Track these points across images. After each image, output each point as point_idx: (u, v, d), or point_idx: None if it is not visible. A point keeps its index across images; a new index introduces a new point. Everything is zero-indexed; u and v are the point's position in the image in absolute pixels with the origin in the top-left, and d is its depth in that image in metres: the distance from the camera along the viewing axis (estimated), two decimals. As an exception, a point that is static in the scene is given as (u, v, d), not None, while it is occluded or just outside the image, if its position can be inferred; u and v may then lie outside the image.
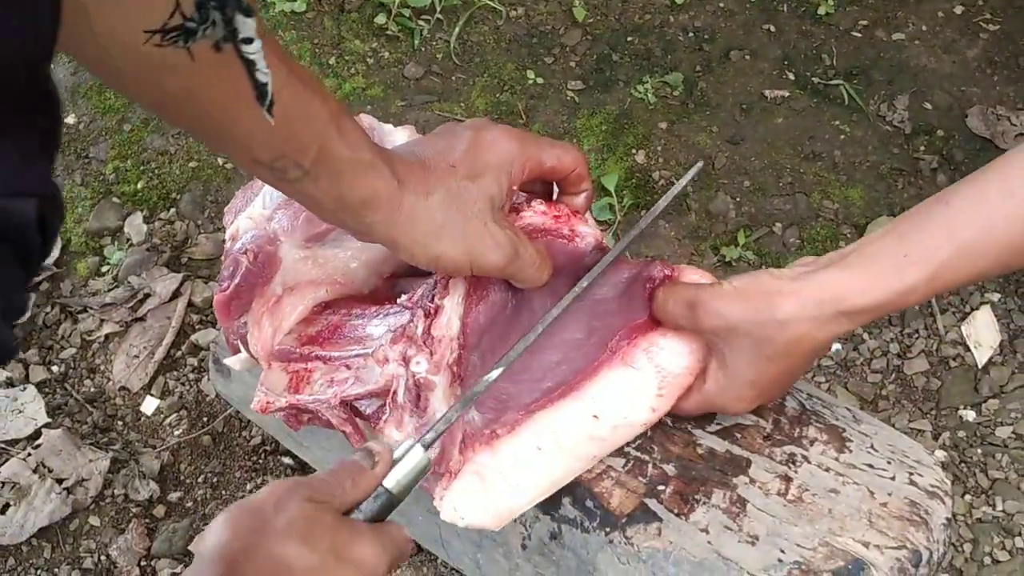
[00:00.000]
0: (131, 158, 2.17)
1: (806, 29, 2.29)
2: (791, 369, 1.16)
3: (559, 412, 1.18)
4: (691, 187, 2.07)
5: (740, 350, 1.15)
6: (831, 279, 1.11)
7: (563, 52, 2.29)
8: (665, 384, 1.19)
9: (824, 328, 1.11)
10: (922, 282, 1.07)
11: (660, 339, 1.20)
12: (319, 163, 1.03)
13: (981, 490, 1.72)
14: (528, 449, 1.17)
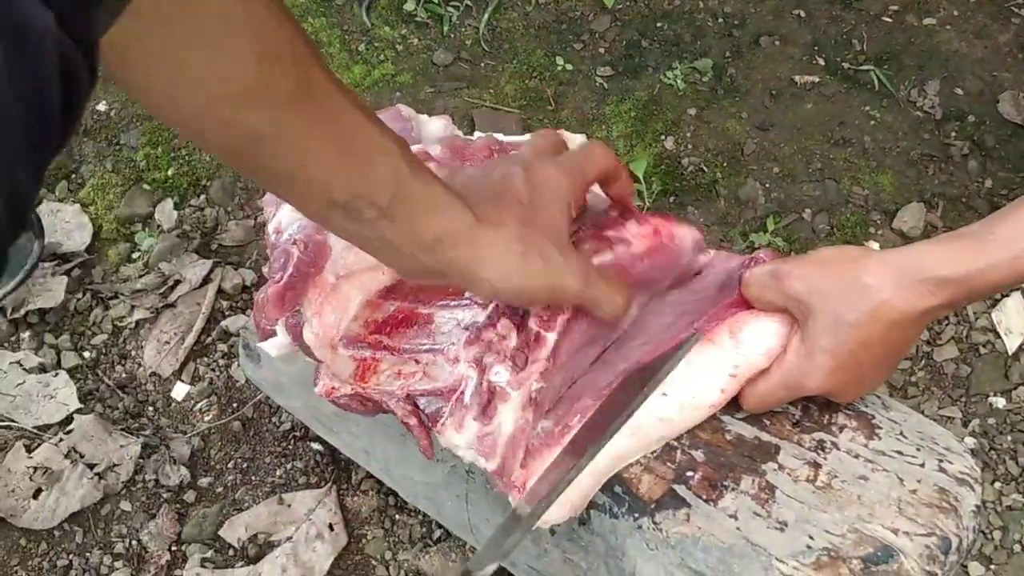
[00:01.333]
0: (162, 145, 2.18)
1: (836, 14, 2.28)
2: (872, 341, 1.13)
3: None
4: (720, 173, 2.06)
5: (822, 316, 1.14)
6: (917, 249, 1.13)
7: (592, 38, 2.29)
8: (741, 364, 1.19)
9: (904, 296, 1.10)
10: (1004, 262, 1.07)
11: (747, 316, 1.20)
12: (395, 202, 1.01)
13: (1011, 477, 1.72)
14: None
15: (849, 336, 1.13)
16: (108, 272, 2.05)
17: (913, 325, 1.13)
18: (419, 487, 1.44)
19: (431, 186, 1.04)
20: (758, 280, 1.19)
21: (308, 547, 1.69)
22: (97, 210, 2.12)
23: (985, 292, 1.11)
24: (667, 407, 1.18)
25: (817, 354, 1.15)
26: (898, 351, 1.18)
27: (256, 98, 0.90)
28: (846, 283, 1.13)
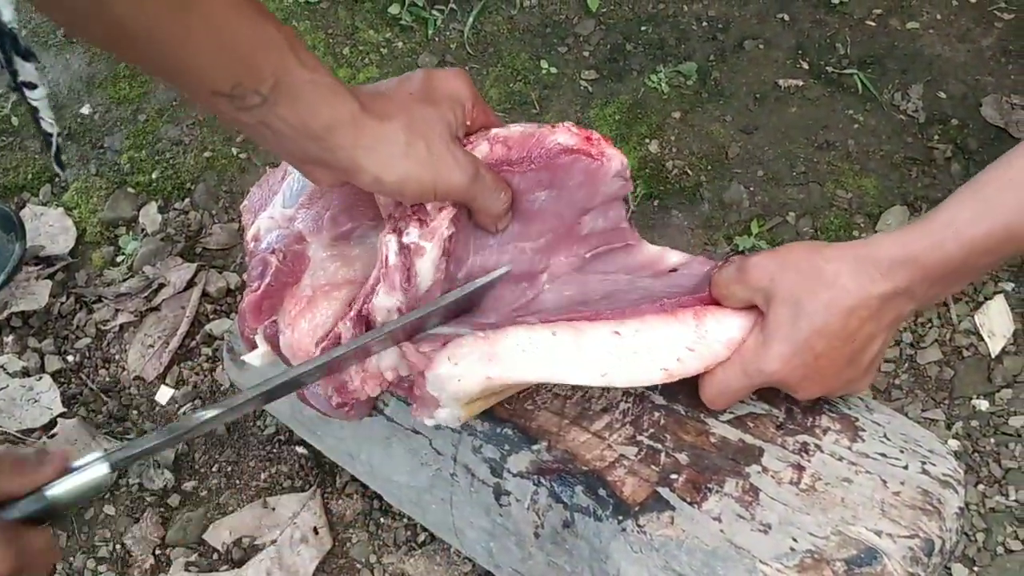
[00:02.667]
0: (146, 148, 2.18)
1: (820, 18, 2.28)
2: (828, 329, 1.13)
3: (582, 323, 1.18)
4: (704, 176, 2.06)
5: (780, 304, 1.15)
6: (873, 237, 1.15)
7: (577, 42, 2.29)
8: (700, 343, 1.18)
9: (857, 281, 1.11)
10: (948, 238, 1.09)
11: (714, 308, 1.21)
12: (278, 88, 1.04)
13: (994, 479, 1.72)
14: (543, 334, 1.17)
15: (806, 323, 1.13)
16: (92, 276, 2.05)
17: (872, 315, 1.13)
18: (404, 491, 1.44)
19: (316, 74, 1.06)
20: (725, 275, 1.20)
21: (293, 551, 1.69)
22: (81, 214, 2.11)
23: (940, 275, 1.11)
24: (618, 344, 1.17)
25: (774, 340, 1.16)
26: (858, 347, 1.16)
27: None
28: (806, 271, 1.14)
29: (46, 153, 0.90)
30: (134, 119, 2.23)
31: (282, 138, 1.08)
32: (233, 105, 1.04)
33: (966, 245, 1.09)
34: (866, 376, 1.21)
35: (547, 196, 1.29)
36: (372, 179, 1.12)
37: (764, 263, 1.17)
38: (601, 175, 1.29)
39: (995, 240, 1.09)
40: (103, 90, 2.27)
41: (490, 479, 1.30)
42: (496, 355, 1.16)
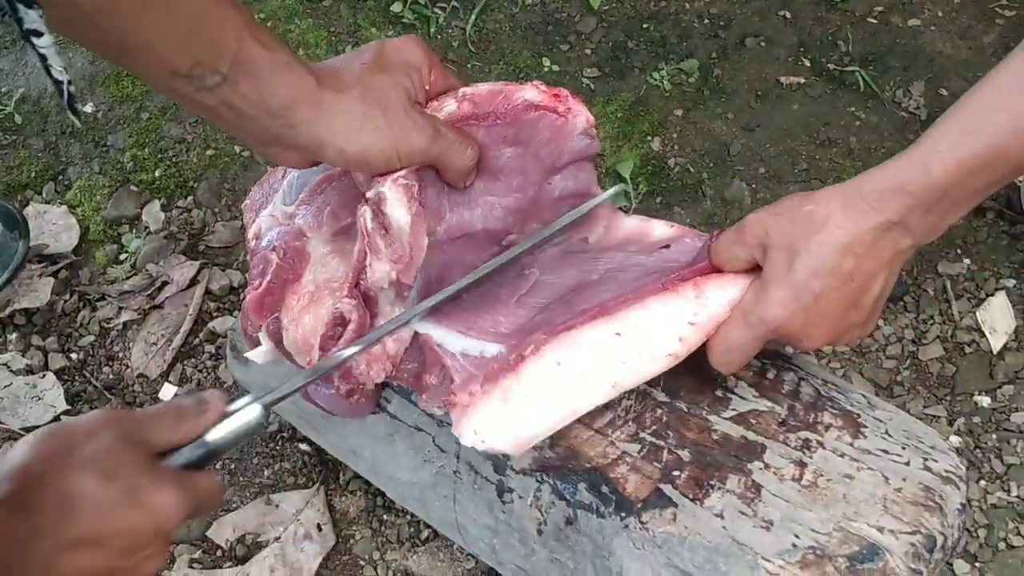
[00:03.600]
0: (149, 146, 2.18)
1: (822, 15, 2.29)
2: (824, 268, 1.11)
3: (583, 330, 1.18)
4: (707, 174, 2.07)
5: (776, 251, 1.14)
6: (860, 176, 1.13)
7: (579, 39, 2.29)
8: (701, 314, 1.17)
9: (848, 216, 1.10)
10: (936, 161, 1.07)
11: (713, 275, 1.21)
12: (237, 66, 1.05)
13: (996, 476, 1.72)
14: (549, 367, 1.17)
15: (801, 265, 1.12)
16: (95, 274, 2.05)
17: (868, 251, 1.11)
18: (407, 487, 1.44)
19: (273, 51, 1.08)
20: (724, 239, 1.20)
21: (296, 547, 1.69)
22: (84, 212, 2.12)
23: (932, 201, 1.09)
24: (621, 348, 1.17)
25: (772, 286, 1.14)
26: (859, 287, 1.14)
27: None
28: (797, 217, 1.13)
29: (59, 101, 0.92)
30: (137, 117, 2.23)
31: (244, 118, 1.10)
32: (193, 85, 1.05)
33: (953, 167, 1.07)
34: (870, 319, 1.19)
35: (513, 152, 1.30)
36: (336, 153, 1.14)
37: (759, 217, 1.16)
38: (567, 132, 1.30)
39: (981, 160, 1.07)
40: (106, 88, 2.27)
41: (493, 476, 1.31)
42: (517, 419, 1.17)
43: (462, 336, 1.22)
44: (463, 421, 1.17)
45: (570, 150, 1.31)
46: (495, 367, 1.18)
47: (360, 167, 1.19)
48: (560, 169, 1.33)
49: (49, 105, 2.27)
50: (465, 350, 1.20)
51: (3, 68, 2.34)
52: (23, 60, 2.35)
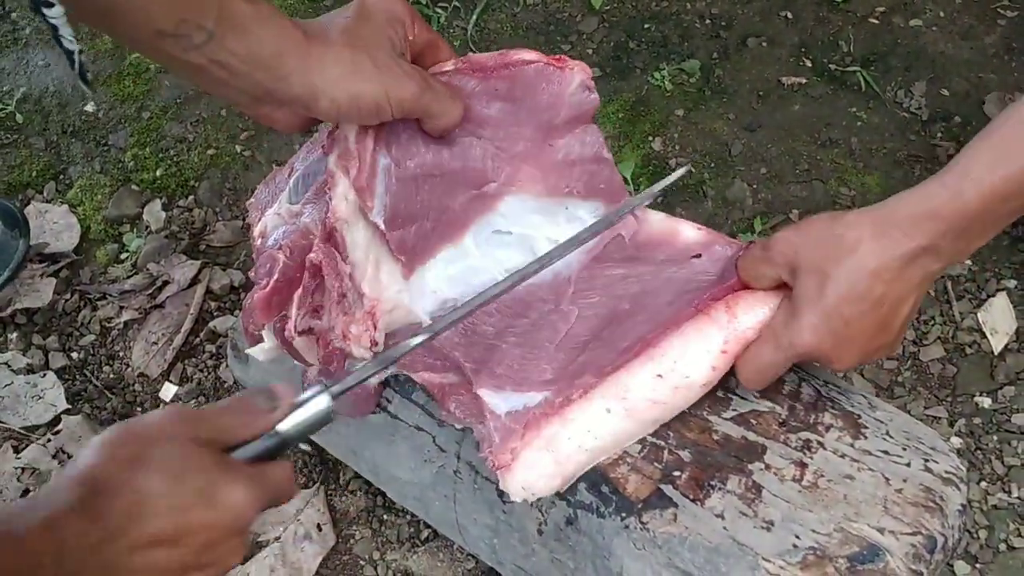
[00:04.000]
0: (150, 146, 2.19)
1: (823, 16, 2.28)
2: (855, 294, 1.12)
3: (629, 372, 1.19)
4: (708, 174, 2.07)
5: (806, 274, 1.14)
6: (890, 199, 1.14)
7: (580, 39, 2.29)
8: (731, 339, 1.19)
9: (880, 243, 1.10)
10: (967, 188, 1.08)
11: (743, 294, 1.22)
12: (222, 21, 1.05)
13: (997, 477, 1.72)
14: (598, 413, 1.19)
15: (832, 290, 1.12)
16: (96, 273, 2.05)
17: (898, 277, 1.12)
18: (407, 487, 1.44)
19: (256, 4, 1.08)
20: (750, 257, 1.20)
21: (296, 547, 1.69)
22: (85, 211, 2.12)
23: (962, 227, 1.09)
24: (661, 388, 1.19)
25: (803, 311, 1.15)
26: (889, 310, 1.15)
27: None
28: (827, 240, 1.13)
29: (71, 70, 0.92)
30: (138, 116, 2.23)
31: (235, 75, 1.09)
32: (180, 45, 1.05)
33: (985, 193, 1.07)
34: (898, 339, 1.20)
35: (504, 106, 1.30)
36: (329, 102, 1.13)
37: (787, 237, 1.17)
38: (563, 85, 1.29)
39: (1013, 185, 1.07)
40: (107, 88, 2.27)
41: (493, 476, 1.31)
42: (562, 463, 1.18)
43: (511, 395, 1.22)
44: (508, 479, 1.18)
45: (568, 104, 1.30)
46: (536, 414, 1.18)
47: (352, 116, 1.18)
48: (561, 129, 1.32)
49: (50, 104, 2.27)
50: (511, 408, 1.21)
51: (4, 67, 2.35)
52: (24, 59, 2.35)
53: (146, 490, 0.91)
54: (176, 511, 0.91)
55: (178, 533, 0.92)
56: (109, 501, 0.89)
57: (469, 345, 1.25)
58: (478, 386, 1.21)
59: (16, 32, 2.40)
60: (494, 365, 1.23)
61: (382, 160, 1.24)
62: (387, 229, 1.24)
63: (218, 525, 0.94)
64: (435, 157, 1.27)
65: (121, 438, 0.94)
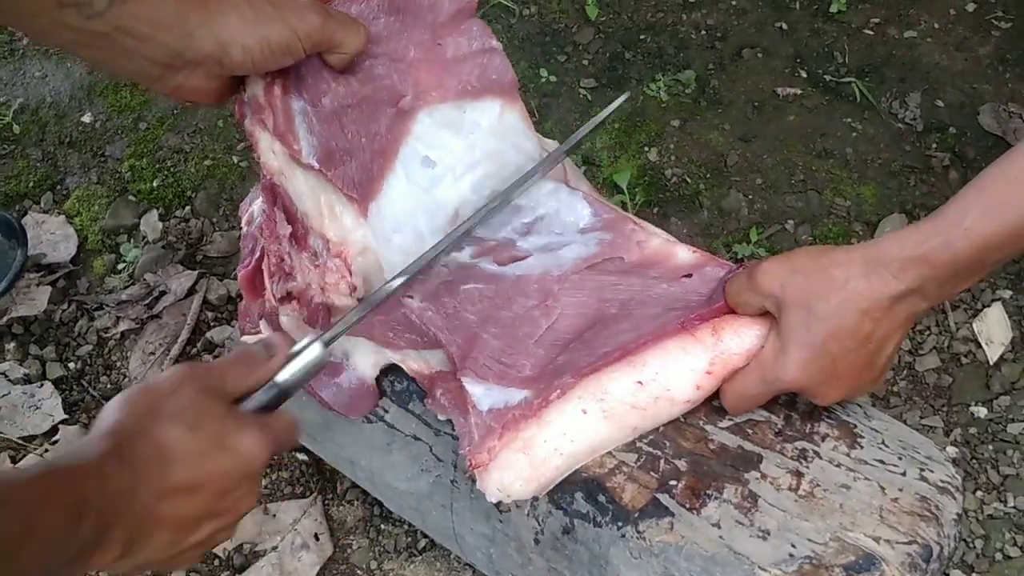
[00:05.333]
0: (147, 156, 2.19)
1: (818, 27, 2.29)
2: (842, 332, 1.13)
3: (608, 375, 1.19)
4: (703, 184, 2.07)
5: (793, 309, 1.15)
6: (880, 239, 1.14)
7: (576, 50, 2.30)
8: (717, 362, 1.20)
9: (868, 283, 1.11)
10: (957, 236, 1.08)
11: (730, 318, 1.22)
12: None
13: (992, 486, 1.73)
14: (574, 413, 1.19)
15: (819, 327, 1.13)
16: (93, 283, 2.05)
17: (885, 316, 1.13)
18: (404, 497, 1.44)
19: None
20: (736, 284, 1.21)
21: (293, 557, 1.69)
22: (82, 221, 2.12)
23: (951, 273, 1.10)
24: (641, 396, 1.19)
25: (790, 346, 1.15)
26: (875, 348, 1.16)
27: None
28: (815, 275, 1.14)
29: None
30: (135, 127, 2.24)
31: (142, 41, 1.11)
32: (82, 14, 1.06)
33: (976, 243, 1.08)
34: (883, 375, 1.21)
35: (388, 20, 1.32)
36: (240, 52, 1.15)
37: (773, 269, 1.17)
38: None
39: (1003, 238, 1.08)
40: (104, 98, 2.28)
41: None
42: (538, 466, 1.19)
43: (493, 388, 1.23)
44: (485, 478, 1.18)
45: (447, 1, 1.34)
46: (515, 415, 1.19)
47: (264, 61, 1.19)
48: (448, 26, 1.34)
49: (47, 115, 2.27)
50: (493, 405, 1.21)
51: (1, 78, 2.35)
52: (21, 70, 2.36)
53: (165, 439, 0.95)
54: (192, 459, 0.96)
55: (195, 480, 0.96)
56: (135, 449, 0.93)
57: (452, 330, 1.25)
58: (462, 373, 1.22)
59: (13, 43, 2.40)
60: (478, 354, 1.23)
61: (296, 104, 1.27)
62: (325, 168, 1.26)
63: (232, 471, 0.99)
64: (346, 88, 1.29)
65: (138, 395, 0.99)
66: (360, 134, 1.28)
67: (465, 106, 1.34)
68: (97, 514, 0.88)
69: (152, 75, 1.17)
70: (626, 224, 1.34)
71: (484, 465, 1.18)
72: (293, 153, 1.25)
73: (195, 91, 1.20)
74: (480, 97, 1.35)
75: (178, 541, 0.98)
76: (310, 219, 1.27)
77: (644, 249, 1.33)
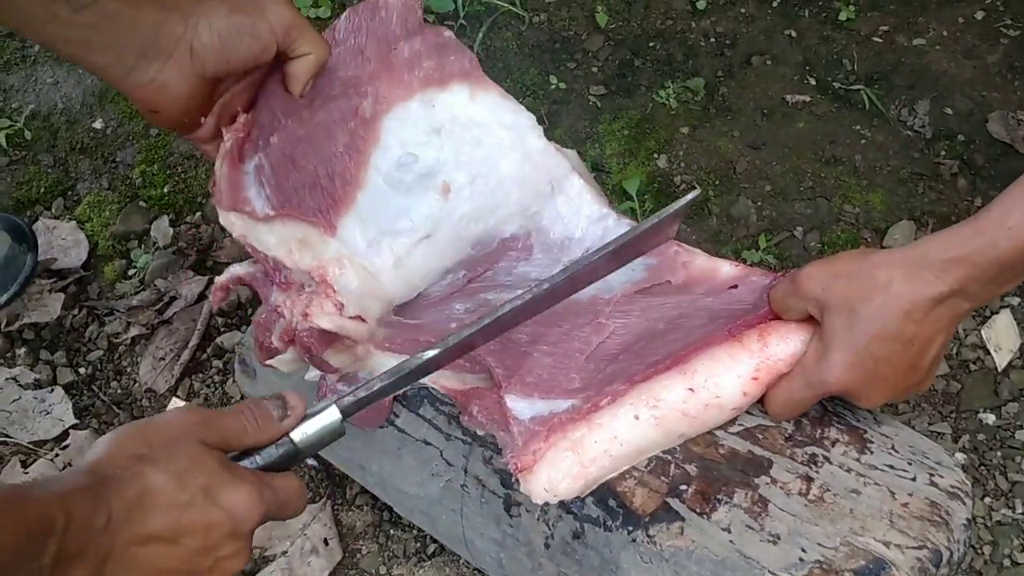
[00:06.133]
0: (157, 162, 2.19)
1: (827, 34, 2.29)
2: (886, 333, 1.13)
3: (660, 383, 1.20)
4: (712, 191, 2.08)
5: (836, 312, 1.15)
6: (922, 240, 1.15)
7: (585, 57, 2.30)
8: (763, 368, 1.21)
9: (911, 285, 1.11)
10: (1001, 236, 1.08)
11: (776, 324, 1.23)
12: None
13: (1001, 493, 1.73)
14: (626, 418, 1.20)
15: (863, 330, 1.13)
16: (104, 289, 2.06)
17: (927, 317, 1.13)
18: (414, 502, 1.45)
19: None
20: (780, 290, 1.21)
21: (303, 562, 1.70)
22: (93, 227, 2.13)
23: (994, 273, 1.10)
24: (692, 403, 1.20)
25: (834, 349, 1.16)
26: (919, 350, 1.16)
27: None
28: (858, 278, 1.14)
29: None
30: (146, 133, 2.24)
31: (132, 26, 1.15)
32: (71, 6, 1.10)
33: (1020, 242, 1.08)
34: (928, 378, 1.21)
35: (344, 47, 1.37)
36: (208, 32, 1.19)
37: (816, 273, 1.18)
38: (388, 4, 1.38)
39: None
40: (115, 104, 2.28)
41: (500, 490, 1.31)
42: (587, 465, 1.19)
43: (537, 401, 1.23)
44: (530, 480, 1.19)
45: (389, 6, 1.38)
46: (562, 419, 1.19)
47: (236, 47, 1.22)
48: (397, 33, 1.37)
49: (59, 121, 2.28)
50: (536, 414, 1.21)
51: (13, 84, 2.36)
52: (33, 76, 2.37)
53: (149, 485, 0.93)
54: (175, 508, 0.93)
55: (176, 531, 0.94)
56: (115, 491, 0.91)
57: (503, 352, 1.26)
58: (506, 391, 1.22)
59: (25, 50, 2.41)
60: (525, 373, 1.24)
61: (247, 165, 1.31)
62: (282, 209, 1.29)
63: (217, 527, 0.96)
64: (296, 121, 1.32)
65: (131, 434, 0.97)
66: (314, 161, 1.31)
67: (433, 99, 1.37)
68: (59, 545, 0.86)
69: (127, 65, 1.19)
70: (670, 247, 1.36)
71: (529, 467, 1.18)
72: (250, 215, 1.30)
73: (165, 90, 1.22)
74: (446, 86, 1.38)
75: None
76: (283, 262, 1.30)
77: (689, 269, 1.34)
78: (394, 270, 1.31)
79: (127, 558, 0.92)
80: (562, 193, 1.40)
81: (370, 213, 1.32)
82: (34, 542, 0.85)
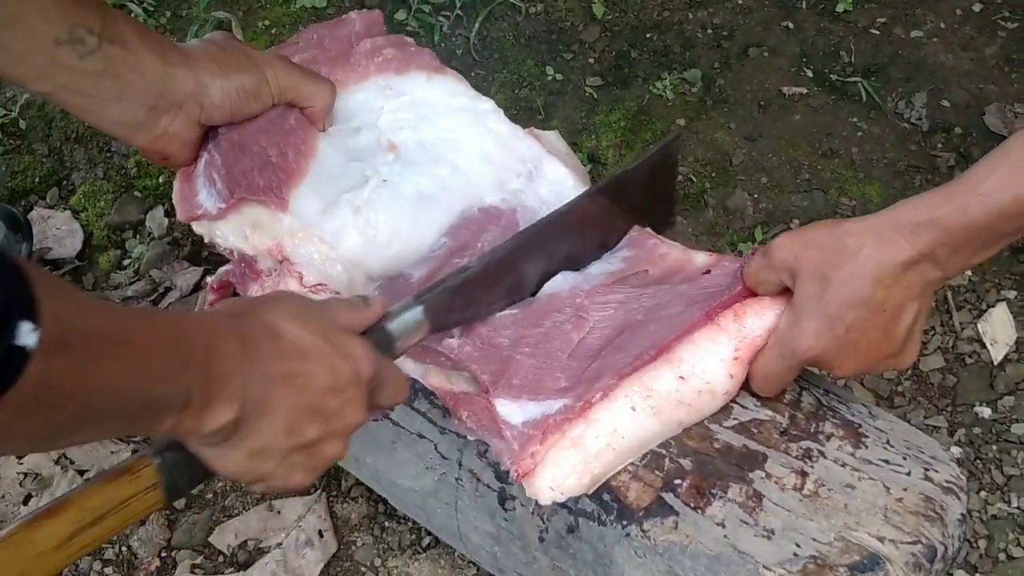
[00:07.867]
0: (153, 152, 2.19)
1: (824, 26, 2.29)
2: (856, 299, 1.13)
3: (649, 374, 1.20)
4: (709, 183, 2.07)
5: (807, 279, 1.15)
6: (892, 206, 1.14)
7: (582, 48, 2.30)
8: (742, 346, 1.20)
9: (881, 249, 1.11)
10: (972, 202, 1.08)
11: (750, 301, 1.23)
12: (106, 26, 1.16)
13: (996, 486, 1.73)
14: (623, 410, 1.19)
15: (833, 295, 1.13)
16: (99, 279, 2.06)
17: (896, 283, 1.13)
18: (409, 495, 1.45)
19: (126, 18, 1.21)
20: (753, 263, 1.21)
21: (298, 554, 1.70)
22: (88, 217, 2.12)
23: (964, 239, 1.10)
24: (685, 390, 1.19)
25: (804, 316, 1.16)
26: (889, 317, 1.15)
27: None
28: (828, 246, 1.14)
29: None
30: (141, 123, 2.24)
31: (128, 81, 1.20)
32: (76, 53, 1.13)
33: (992, 209, 1.08)
34: (905, 351, 1.20)
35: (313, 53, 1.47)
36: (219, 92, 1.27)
37: (787, 243, 1.18)
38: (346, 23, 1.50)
39: (1021, 205, 1.08)
40: (110, 94, 2.28)
41: (495, 484, 1.31)
42: (591, 460, 1.18)
43: (527, 403, 1.23)
44: (534, 483, 1.18)
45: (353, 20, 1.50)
46: (556, 419, 1.19)
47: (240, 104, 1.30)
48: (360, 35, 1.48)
49: (54, 111, 2.28)
50: (528, 418, 1.21)
51: (8, 73, 2.35)
52: (28, 66, 2.36)
53: (277, 325, 0.97)
54: (303, 348, 0.98)
55: (304, 370, 0.98)
56: (246, 326, 0.96)
57: (485, 359, 1.26)
58: (494, 395, 1.22)
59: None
60: (510, 376, 1.24)
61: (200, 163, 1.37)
62: (232, 195, 1.32)
63: (339, 368, 1.00)
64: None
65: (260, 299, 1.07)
66: (265, 143, 1.35)
67: (391, 82, 1.46)
68: (203, 369, 0.88)
69: (138, 120, 1.25)
70: (648, 239, 1.36)
71: (530, 471, 1.18)
72: (204, 217, 1.35)
73: (175, 139, 1.29)
74: (403, 72, 1.47)
75: (287, 434, 0.97)
76: (244, 250, 1.35)
77: (666, 260, 1.34)
78: (353, 218, 1.32)
79: (261, 394, 0.94)
80: (542, 177, 1.42)
81: (325, 178, 1.34)
82: (183, 364, 0.87)
